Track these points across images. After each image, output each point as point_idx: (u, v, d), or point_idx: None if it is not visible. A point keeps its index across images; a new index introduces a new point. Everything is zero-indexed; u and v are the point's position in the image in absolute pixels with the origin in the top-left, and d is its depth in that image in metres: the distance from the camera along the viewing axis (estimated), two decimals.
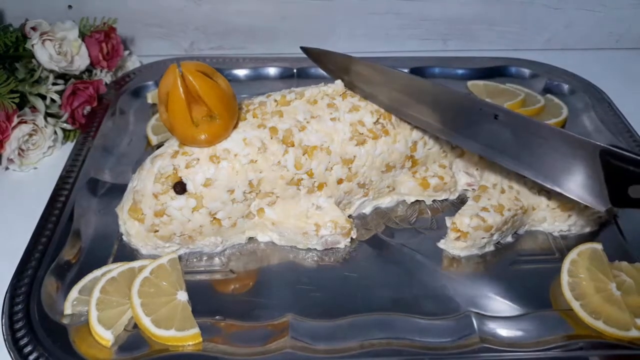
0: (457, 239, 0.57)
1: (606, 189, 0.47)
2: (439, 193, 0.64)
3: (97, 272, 0.54)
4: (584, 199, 0.49)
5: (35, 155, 0.73)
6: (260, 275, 0.57)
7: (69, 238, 0.58)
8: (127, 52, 0.88)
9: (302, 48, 0.68)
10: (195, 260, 0.58)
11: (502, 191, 0.59)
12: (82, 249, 0.59)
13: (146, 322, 0.50)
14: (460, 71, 0.86)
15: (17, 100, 0.69)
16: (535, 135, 0.50)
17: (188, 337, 0.49)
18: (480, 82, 0.83)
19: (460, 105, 0.55)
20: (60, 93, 0.74)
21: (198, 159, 0.55)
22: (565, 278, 0.53)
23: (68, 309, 0.52)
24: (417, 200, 0.65)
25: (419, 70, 0.86)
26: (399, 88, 0.58)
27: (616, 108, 0.77)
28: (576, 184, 0.49)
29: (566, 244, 0.59)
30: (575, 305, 0.52)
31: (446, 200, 0.65)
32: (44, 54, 0.72)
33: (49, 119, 0.74)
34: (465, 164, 0.65)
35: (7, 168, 0.72)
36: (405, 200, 0.65)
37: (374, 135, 0.59)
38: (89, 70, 0.80)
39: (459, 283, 0.56)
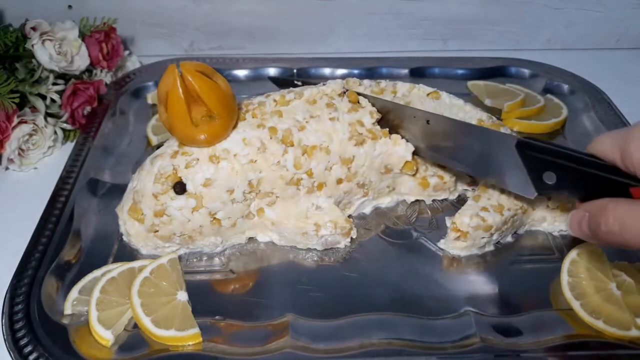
0: (457, 238, 0.57)
1: (529, 178, 0.50)
2: (438, 193, 0.64)
3: (97, 272, 0.55)
4: (514, 188, 0.53)
5: (35, 155, 0.73)
6: (260, 275, 0.57)
7: (69, 238, 0.58)
8: (127, 52, 0.88)
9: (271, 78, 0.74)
10: (195, 260, 0.58)
11: (502, 191, 0.59)
12: (82, 249, 0.59)
13: (146, 322, 0.50)
14: (460, 71, 0.86)
15: (17, 100, 0.69)
16: (463, 135, 0.56)
17: (188, 337, 0.49)
18: (481, 82, 0.83)
19: (397, 113, 0.60)
20: (60, 93, 0.74)
21: (198, 159, 0.55)
22: (565, 278, 0.53)
23: (68, 309, 0.52)
24: (417, 200, 0.65)
25: (419, 70, 0.86)
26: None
27: (616, 108, 0.77)
28: (505, 175, 0.53)
29: (566, 243, 0.59)
30: (575, 305, 0.52)
31: (446, 200, 0.65)
32: (44, 54, 0.72)
33: (49, 119, 0.74)
34: None
35: (7, 168, 0.72)
36: (405, 200, 0.65)
37: (372, 136, 0.59)
38: (89, 70, 0.80)
39: (459, 283, 0.56)
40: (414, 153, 0.60)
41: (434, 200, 0.65)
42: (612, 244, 0.42)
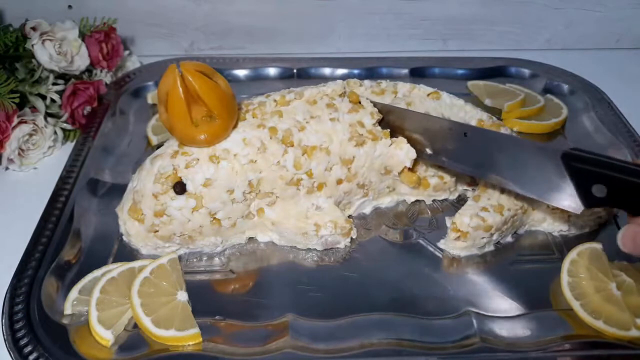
0: (457, 239, 0.57)
1: (575, 191, 0.48)
2: (438, 193, 0.64)
3: (97, 272, 0.55)
4: (559, 203, 0.50)
5: (35, 155, 0.73)
6: (260, 275, 0.57)
7: (69, 238, 0.58)
8: (127, 52, 0.88)
9: None
10: (195, 260, 0.58)
11: (502, 191, 0.59)
12: (82, 249, 0.59)
13: (146, 322, 0.50)
14: (460, 71, 0.86)
15: (17, 100, 0.69)
16: (503, 148, 0.53)
17: (188, 337, 0.49)
18: (480, 82, 0.83)
19: (432, 127, 0.58)
20: (60, 93, 0.74)
21: (198, 159, 0.55)
22: (565, 278, 0.53)
23: (68, 309, 0.52)
24: (417, 200, 0.65)
25: (419, 70, 0.86)
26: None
27: (616, 108, 0.77)
28: (549, 189, 0.50)
29: (566, 243, 0.59)
30: (575, 305, 0.52)
31: (446, 200, 0.65)
32: (44, 54, 0.72)
33: (49, 119, 0.74)
34: None
35: (7, 168, 0.72)
36: (405, 200, 0.65)
37: (373, 137, 0.59)
38: (89, 70, 0.80)
39: (459, 283, 0.56)
40: (418, 158, 0.60)
41: (434, 200, 0.65)
42: None
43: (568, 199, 0.49)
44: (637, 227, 0.44)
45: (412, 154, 0.59)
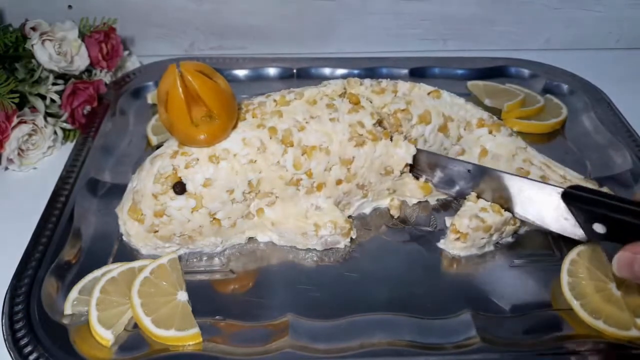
0: (457, 240, 0.57)
1: (578, 226, 0.50)
2: (439, 192, 0.64)
3: (97, 272, 0.55)
4: (571, 234, 0.53)
5: (35, 155, 0.73)
6: (260, 275, 0.57)
7: (69, 238, 0.58)
8: (127, 52, 0.88)
9: None
10: (195, 260, 0.58)
11: None
12: (82, 249, 0.59)
13: (146, 322, 0.50)
14: (460, 71, 0.86)
15: (17, 100, 0.69)
16: (507, 184, 0.56)
17: (188, 337, 0.49)
18: (480, 82, 0.83)
19: (437, 162, 0.61)
20: (60, 93, 0.74)
21: (197, 159, 0.55)
22: (565, 278, 0.53)
23: (68, 309, 0.52)
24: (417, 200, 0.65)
25: (419, 70, 0.86)
26: None
27: (615, 108, 0.77)
28: (557, 222, 0.54)
29: (566, 243, 0.59)
30: (575, 305, 0.52)
31: (446, 199, 0.65)
32: (44, 54, 0.72)
33: (48, 119, 0.74)
34: None
35: (7, 168, 0.72)
36: (405, 200, 0.65)
37: (373, 137, 0.59)
38: (88, 70, 0.80)
39: (459, 283, 0.56)
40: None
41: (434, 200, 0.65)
42: None
43: (572, 231, 0.52)
44: (631, 254, 0.44)
45: (412, 149, 0.59)
